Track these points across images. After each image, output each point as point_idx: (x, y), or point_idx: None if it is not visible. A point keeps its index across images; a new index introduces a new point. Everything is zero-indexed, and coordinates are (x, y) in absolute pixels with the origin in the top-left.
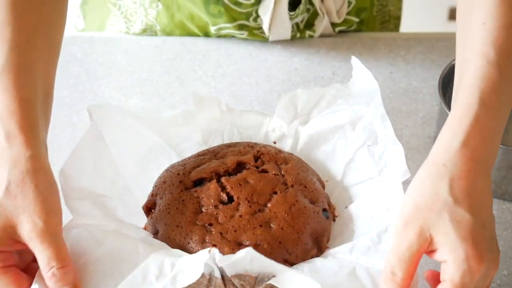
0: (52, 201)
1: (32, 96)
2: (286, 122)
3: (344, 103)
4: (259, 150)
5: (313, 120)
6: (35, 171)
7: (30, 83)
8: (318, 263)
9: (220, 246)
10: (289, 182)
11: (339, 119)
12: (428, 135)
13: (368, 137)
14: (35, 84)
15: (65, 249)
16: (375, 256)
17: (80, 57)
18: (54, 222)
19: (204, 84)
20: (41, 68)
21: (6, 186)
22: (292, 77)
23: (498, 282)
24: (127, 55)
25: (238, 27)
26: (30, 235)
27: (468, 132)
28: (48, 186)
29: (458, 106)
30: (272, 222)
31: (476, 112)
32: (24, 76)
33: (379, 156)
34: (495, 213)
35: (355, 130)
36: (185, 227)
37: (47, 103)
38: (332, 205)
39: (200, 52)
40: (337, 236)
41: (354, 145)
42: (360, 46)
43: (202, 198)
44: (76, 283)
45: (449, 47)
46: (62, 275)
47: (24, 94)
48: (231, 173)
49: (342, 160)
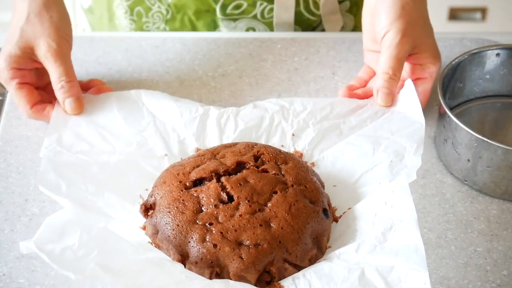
0: (64, 30)
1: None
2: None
3: (385, 133)
4: (259, 150)
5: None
6: (50, 4)
7: None
8: (325, 267)
9: (221, 245)
10: (289, 182)
11: (376, 141)
12: (428, 135)
13: (395, 156)
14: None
15: (72, 68)
16: (381, 254)
17: (80, 57)
18: (65, 46)
19: (204, 84)
20: None
21: (26, 16)
22: (292, 77)
23: (498, 282)
24: (127, 55)
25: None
26: (46, 54)
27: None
28: (61, 17)
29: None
30: (272, 221)
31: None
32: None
33: (397, 171)
34: (495, 213)
35: (385, 151)
36: (186, 227)
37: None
38: (333, 207)
39: (200, 52)
40: (340, 236)
41: (377, 160)
42: (360, 46)
43: (202, 197)
44: (80, 95)
45: (449, 47)
46: (70, 88)
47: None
48: (231, 173)
49: (360, 169)
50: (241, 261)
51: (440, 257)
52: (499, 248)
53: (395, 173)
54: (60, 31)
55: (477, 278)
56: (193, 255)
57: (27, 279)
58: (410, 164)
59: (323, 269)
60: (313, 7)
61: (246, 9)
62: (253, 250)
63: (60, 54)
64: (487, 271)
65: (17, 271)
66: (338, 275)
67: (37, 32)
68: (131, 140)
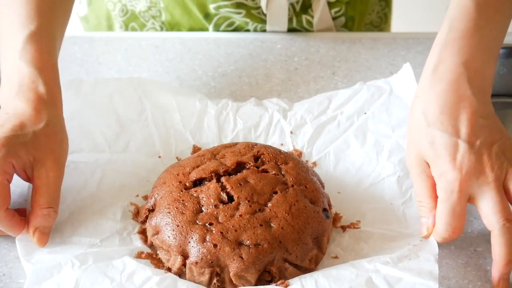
0: (61, 158)
1: (56, 58)
2: (310, 118)
3: (386, 128)
4: (259, 150)
5: (350, 128)
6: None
7: (56, 47)
8: (333, 271)
9: (221, 245)
10: (289, 182)
11: (378, 144)
12: None
13: (401, 169)
14: (57, 46)
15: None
16: (393, 267)
17: (80, 57)
18: (58, 175)
19: (204, 84)
20: (60, 33)
21: (33, 134)
22: (292, 77)
23: None
24: (127, 55)
25: (236, 5)
26: (47, 174)
27: (437, 59)
28: (58, 144)
29: (436, 39)
30: (272, 221)
31: (445, 38)
32: (51, 42)
33: (406, 189)
34: None
35: (390, 159)
36: (186, 227)
37: None
38: (339, 214)
39: (200, 52)
40: (350, 250)
41: (384, 171)
42: (360, 46)
43: (202, 198)
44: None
45: None
46: (54, 218)
47: (53, 58)
48: (231, 173)
49: (367, 180)
50: (241, 261)
51: (440, 257)
52: None
53: (404, 192)
54: (63, 157)
55: (477, 278)
56: (193, 255)
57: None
58: None
59: (331, 272)
60: (306, 25)
61: (238, 27)
62: (253, 250)
63: (61, 180)
64: (487, 271)
65: (17, 271)
66: (344, 277)
67: (42, 152)
68: (124, 143)
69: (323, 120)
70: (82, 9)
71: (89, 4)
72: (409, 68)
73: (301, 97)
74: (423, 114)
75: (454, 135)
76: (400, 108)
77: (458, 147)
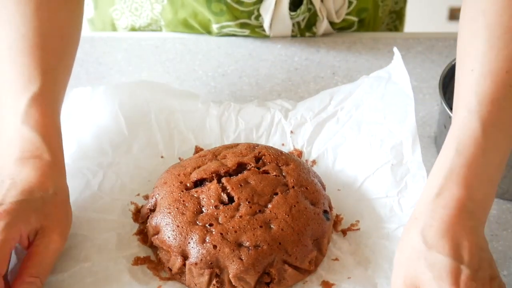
0: (66, 231)
1: (59, 120)
2: (310, 116)
3: (378, 115)
4: (260, 151)
5: (347, 122)
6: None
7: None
8: None
9: (221, 246)
10: (290, 183)
11: (370, 133)
12: (428, 135)
13: (394, 157)
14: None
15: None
16: None
17: (80, 57)
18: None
19: (204, 84)
20: (62, 92)
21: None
22: (292, 77)
23: None
24: (127, 55)
25: (240, 25)
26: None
27: (442, 185)
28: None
29: (439, 158)
30: (272, 223)
31: (451, 163)
32: (55, 103)
33: (400, 177)
34: (495, 213)
35: (382, 147)
36: (186, 227)
37: None
38: (339, 216)
39: (200, 52)
40: (350, 252)
41: (378, 162)
42: (360, 46)
43: (202, 198)
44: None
45: (449, 47)
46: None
47: (57, 121)
48: (232, 174)
49: (362, 173)
50: (241, 262)
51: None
52: (499, 248)
53: (399, 180)
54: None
55: None
56: (193, 256)
57: None
58: (413, 170)
59: None
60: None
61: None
62: (252, 252)
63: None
64: None
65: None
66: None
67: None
68: (126, 146)
69: (323, 117)
70: (89, 12)
71: (95, 7)
72: (398, 55)
73: (301, 97)
74: (422, 236)
75: (456, 260)
76: (394, 93)
77: (460, 272)
